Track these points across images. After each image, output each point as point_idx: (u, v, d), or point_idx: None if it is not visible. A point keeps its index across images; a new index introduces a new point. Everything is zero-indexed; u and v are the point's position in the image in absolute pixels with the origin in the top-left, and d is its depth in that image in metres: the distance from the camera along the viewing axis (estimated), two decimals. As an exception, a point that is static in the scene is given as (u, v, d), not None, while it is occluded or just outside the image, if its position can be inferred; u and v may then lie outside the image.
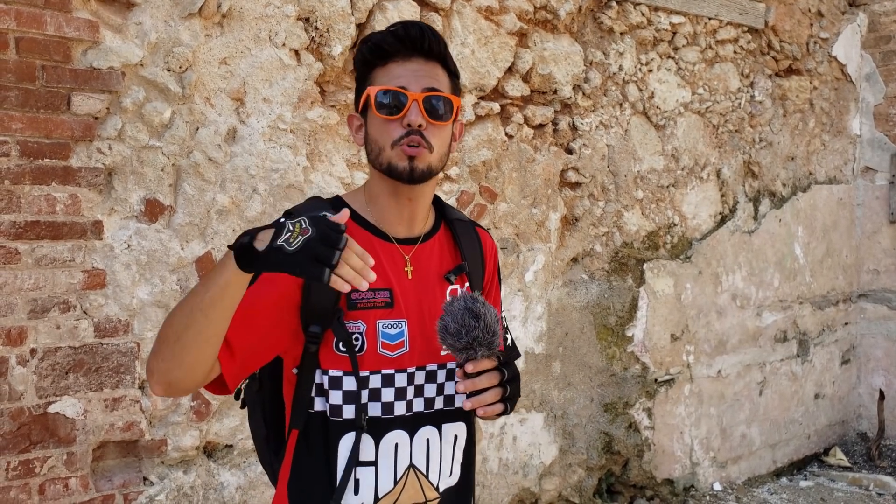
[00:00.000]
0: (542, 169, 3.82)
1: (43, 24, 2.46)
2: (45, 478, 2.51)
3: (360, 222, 1.54)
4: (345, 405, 1.48)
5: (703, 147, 4.57)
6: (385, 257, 1.52)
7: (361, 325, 1.48)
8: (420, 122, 1.47)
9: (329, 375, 1.48)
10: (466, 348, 1.41)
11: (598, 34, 4.06)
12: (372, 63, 1.53)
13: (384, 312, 1.50)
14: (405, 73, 1.50)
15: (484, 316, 1.40)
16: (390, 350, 1.50)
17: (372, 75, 1.53)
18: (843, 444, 5.52)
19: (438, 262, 1.59)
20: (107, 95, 2.59)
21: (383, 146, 1.49)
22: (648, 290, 4.28)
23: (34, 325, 2.49)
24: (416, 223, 1.58)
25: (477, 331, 1.40)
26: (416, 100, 1.48)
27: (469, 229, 1.66)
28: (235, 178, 2.86)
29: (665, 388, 4.39)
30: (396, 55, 1.51)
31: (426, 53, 1.51)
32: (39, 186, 2.49)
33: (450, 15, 3.43)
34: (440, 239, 1.62)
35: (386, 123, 1.49)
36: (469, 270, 1.61)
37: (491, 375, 1.43)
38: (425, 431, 1.53)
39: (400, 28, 1.52)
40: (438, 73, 1.53)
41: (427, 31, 1.52)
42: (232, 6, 2.82)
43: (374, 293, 1.49)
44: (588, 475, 4.10)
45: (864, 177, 5.61)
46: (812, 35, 5.15)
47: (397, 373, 1.50)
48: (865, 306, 5.63)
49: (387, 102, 1.48)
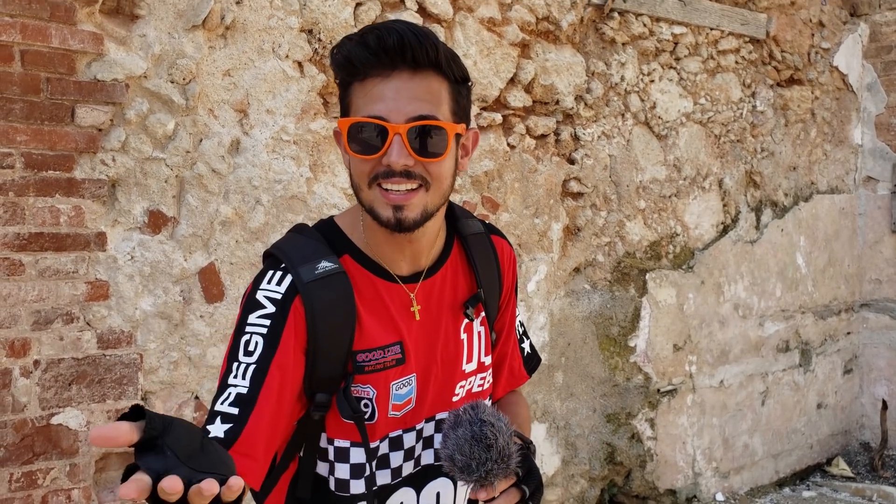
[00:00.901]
0: (544, 179, 3.82)
1: (48, 37, 2.47)
2: (48, 489, 2.51)
3: (359, 259, 1.30)
4: (352, 480, 1.29)
5: (705, 157, 4.58)
6: (392, 302, 1.30)
7: (371, 390, 1.27)
8: (404, 162, 1.18)
9: (335, 446, 1.29)
10: (479, 480, 1.20)
11: (600, 45, 4.07)
12: (346, 79, 1.24)
13: (397, 371, 1.29)
14: (388, 92, 1.18)
15: (496, 443, 1.18)
16: (398, 410, 1.31)
17: (350, 91, 1.23)
18: (845, 454, 5.51)
19: (451, 293, 1.37)
20: (111, 107, 2.60)
21: (359, 184, 1.23)
22: (651, 301, 4.28)
23: (37, 336, 2.49)
24: (421, 258, 1.33)
25: (490, 463, 1.18)
26: (398, 133, 1.17)
27: (484, 242, 1.43)
28: (239, 189, 2.86)
29: (668, 399, 4.39)
30: (373, 69, 1.19)
31: (413, 63, 1.19)
32: (43, 198, 2.49)
33: (452, 26, 3.45)
34: (453, 264, 1.39)
35: (363, 162, 1.21)
36: (485, 298, 1.40)
37: (510, 495, 1.22)
38: (435, 485, 1.35)
39: (372, 36, 1.18)
40: (433, 86, 1.20)
41: (408, 35, 1.18)
42: (235, 18, 2.83)
43: (384, 351, 1.28)
44: (591, 486, 4.09)
45: (866, 186, 5.61)
46: (813, 45, 5.17)
47: (405, 433, 1.32)
48: (868, 316, 5.62)
49: (362, 137, 1.19)
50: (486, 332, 1.42)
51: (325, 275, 1.23)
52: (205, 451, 0.93)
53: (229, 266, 2.85)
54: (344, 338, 1.24)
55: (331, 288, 1.23)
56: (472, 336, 1.39)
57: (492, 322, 1.45)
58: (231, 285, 2.85)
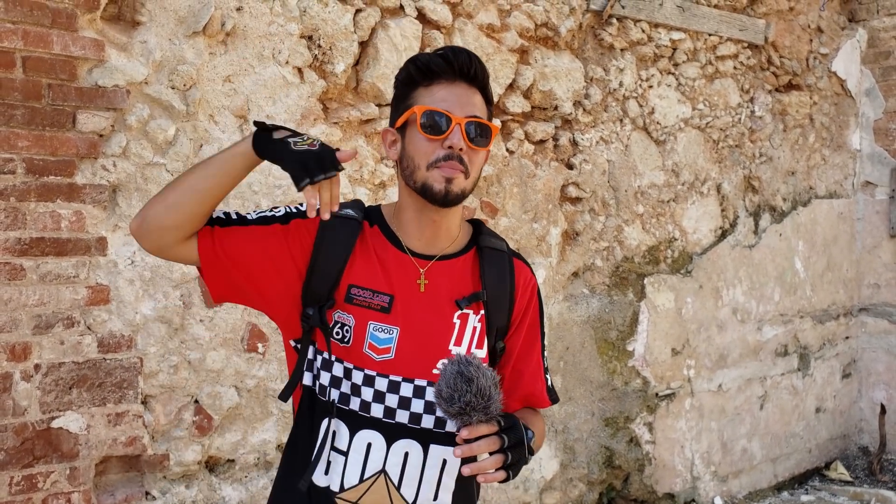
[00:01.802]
0: (542, 184, 3.84)
1: (49, 44, 2.49)
2: (48, 493, 2.52)
3: (382, 229, 1.60)
4: (331, 388, 1.55)
5: (703, 162, 4.59)
6: (394, 265, 1.57)
7: (351, 319, 1.54)
8: (461, 145, 1.51)
9: (322, 357, 1.55)
10: (460, 414, 1.38)
11: (598, 51, 4.09)
12: (416, 82, 1.56)
13: (378, 315, 1.54)
14: (450, 96, 1.54)
15: (476, 380, 1.37)
16: (375, 353, 1.53)
17: (415, 94, 1.57)
18: (844, 459, 5.52)
19: (455, 283, 1.59)
20: (112, 113, 2.61)
21: (419, 164, 1.53)
22: (649, 305, 4.30)
23: (38, 340, 2.51)
24: (437, 242, 1.60)
25: (469, 395, 1.37)
26: (459, 124, 1.52)
27: (502, 260, 1.64)
28: (238, 194, 2.88)
29: (666, 403, 4.40)
30: (441, 77, 1.55)
31: (470, 79, 1.56)
32: (44, 203, 2.51)
33: (451, 32, 3.47)
34: (465, 262, 1.62)
35: (427, 143, 1.52)
36: (488, 300, 1.59)
37: (490, 441, 1.41)
38: (405, 444, 1.53)
39: (449, 52, 1.56)
40: (478, 100, 1.57)
41: (474, 58, 1.56)
42: (236, 24, 2.85)
43: (373, 294, 1.55)
44: (589, 490, 4.10)
45: (865, 191, 5.62)
46: (812, 51, 5.18)
47: (378, 376, 1.53)
48: (866, 320, 5.64)
49: (431, 123, 1.52)
50: (482, 331, 1.60)
51: (344, 217, 1.57)
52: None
53: (229, 271, 2.86)
54: (337, 262, 1.54)
55: (341, 226, 1.56)
56: (466, 325, 1.59)
57: (492, 327, 1.61)
58: (231, 290, 2.86)
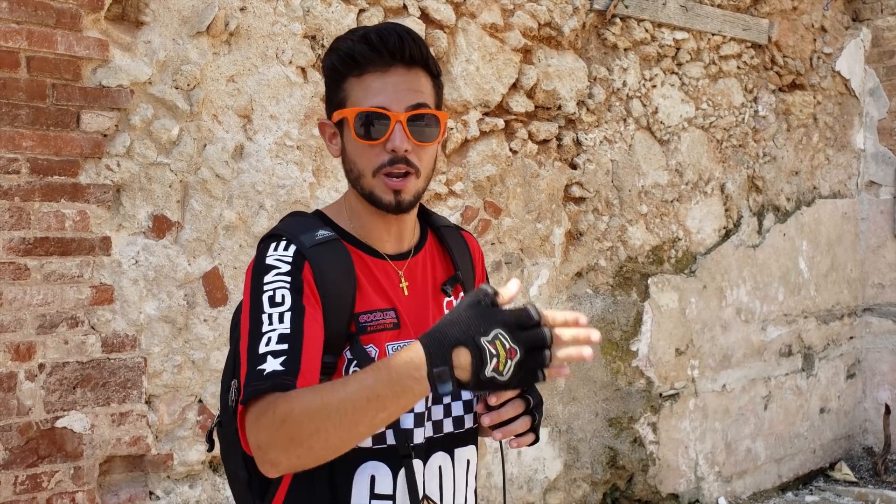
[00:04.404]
0: (546, 184, 3.84)
1: (54, 44, 2.49)
2: (53, 492, 2.52)
3: (348, 239, 1.40)
4: None
5: (706, 162, 4.59)
6: (381, 275, 1.41)
7: (373, 349, 1.35)
8: (406, 146, 1.32)
9: None
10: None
11: (601, 50, 4.09)
12: (345, 74, 1.36)
13: (393, 334, 1.38)
14: (385, 86, 1.32)
15: None
16: None
17: (346, 85, 1.36)
18: (848, 459, 5.51)
19: (432, 274, 1.48)
20: (116, 113, 2.62)
21: (363, 171, 1.35)
22: (653, 305, 4.29)
23: (42, 340, 2.51)
24: (405, 239, 1.45)
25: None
26: (399, 121, 1.31)
27: (456, 235, 1.55)
28: (242, 194, 2.88)
29: (670, 403, 4.40)
30: (372, 66, 1.33)
31: (407, 61, 1.34)
32: (49, 203, 2.51)
33: (455, 32, 3.47)
34: (430, 249, 1.50)
35: (368, 148, 1.34)
36: (462, 280, 1.51)
37: (515, 404, 1.34)
38: (437, 458, 1.40)
39: (374, 34, 1.33)
40: (422, 81, 1.36)
41: (406, 35, 1.34)
42: (240, 24, 2.86)
43: (383, 314, 1.37)
44: (593, 490, 4.10)
45: (869, 191, 5.61)
46: (815, 50, 5.18)
47: None
48: (870, 320, 5.63)
49: (367, 127, 1.32)
50: None
51: (324, 240, 1.35)
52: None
53: (233, 270, 2.87)
54: (347, 297, 1.34)
55: (331, 252, 1.34)
56: None
57: None
58: (235, 289, 2.87)
